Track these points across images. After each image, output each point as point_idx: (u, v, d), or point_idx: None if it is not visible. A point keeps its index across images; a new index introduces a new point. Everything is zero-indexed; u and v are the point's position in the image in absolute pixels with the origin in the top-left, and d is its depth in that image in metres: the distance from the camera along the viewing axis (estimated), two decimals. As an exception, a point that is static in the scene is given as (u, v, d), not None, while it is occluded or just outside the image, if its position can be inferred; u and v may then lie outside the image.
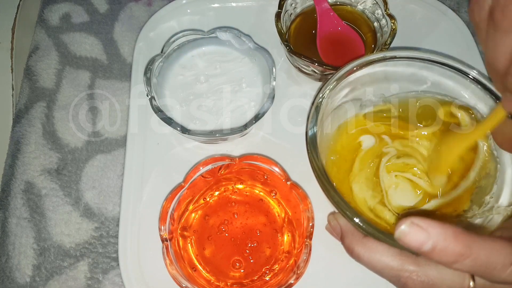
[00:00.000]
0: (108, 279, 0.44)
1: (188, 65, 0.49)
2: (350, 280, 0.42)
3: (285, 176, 0.41)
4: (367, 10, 0.51)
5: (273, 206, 0.42)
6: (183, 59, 0.49)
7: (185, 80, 0.49)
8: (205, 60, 0.49)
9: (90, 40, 0.54)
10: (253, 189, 0.43)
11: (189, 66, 0.49)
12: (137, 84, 0.50)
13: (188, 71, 0.49)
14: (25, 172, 0.48)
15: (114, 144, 0.49)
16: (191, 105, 0.48)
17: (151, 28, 0.53)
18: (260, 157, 0.42)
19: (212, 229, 0.42)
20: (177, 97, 0.48)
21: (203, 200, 0.43)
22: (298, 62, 0.48)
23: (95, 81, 0.52)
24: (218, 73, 0.49)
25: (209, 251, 0.41)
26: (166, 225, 0.39)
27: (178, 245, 0.40)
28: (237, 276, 0.40)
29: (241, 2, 0.55)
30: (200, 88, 0.48)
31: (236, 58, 0.49)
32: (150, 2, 0.56)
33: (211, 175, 0.42)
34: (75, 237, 0.46)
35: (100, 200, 0.47)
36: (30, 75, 0.52)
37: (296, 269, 0.37)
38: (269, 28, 0.49)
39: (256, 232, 0.41)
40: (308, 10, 0.51)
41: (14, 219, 0.46)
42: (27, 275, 0.44)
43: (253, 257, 0.40)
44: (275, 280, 0.38)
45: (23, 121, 0.50)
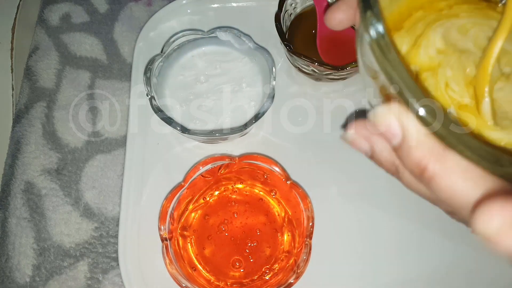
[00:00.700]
0: (108, 279, 0.44)
1: (188, 65, 0.49)
2: (350, 280, 0.43)
3: (285, 176, 0.41)
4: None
5: (273, 205, 0.42)
6: (183, 59, 0.49)
7: (185, 80, 0.49)
8: (205, 60, 0.49)
9: (90, 40, 0.54)
10: (253, 189, 0.43)
11: (189, 66, 0.49)
12: (137, 84, 0.50)
13: (188, 71, 0.49)
14: (25, 172, 0.48)
15: (114, 144, 0.49)
16: (191, 105, 0.48)
17: (151, 28, 0.53)
18: (260, 156, 0.42)
19: (212, 229, 0.42)
20: (177, 97, 0.48)
21: (203, 199, 0.43)
22: (298, 62, 0.48)
23: (95, 81, 0.52)
24: (218, 73, 0.49)
25: (209, 250, 0.41)
26: (166, 224, 0.39)
27: (178, 245, 0.40)
28: (237, 275, 0.40)
29: (241, 2, 0.55)
30: (200, 88, 0.48)
31: (236, 58, 0.49)
32: (150, 2, 0.56)
33: (211, 175, 0.42)
34: (75, 237, 0.46)
35: (100, 200, 0.47)
36: (30, 75, 0.52)
37: (296, 268, 0.37)
38: (269, 28, 0.49)
39: (256, 232, 0.41)
40: (308, 10, 0.51)
41: (14, 219, 0.46)
42: (27, 275, 0.44)
43: (253, 257, 0.40)
44: (275, 280, 0.38)
45: (23, 121, 0.50)
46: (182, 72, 0.49)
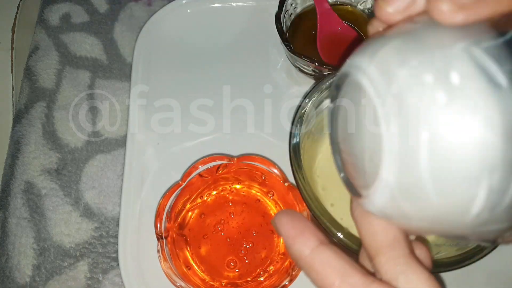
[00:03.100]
0: (108, 279, 0.44)
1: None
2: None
3: (283, 178, 0.41)
4: (368, 10, 0.50)
5: (270, 207, 0.42)
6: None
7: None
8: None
9: (90, 40, 0.54)
10: (250, 190, 0.43)
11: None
12: (137, 84, 0.50)
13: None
14: (25, 172, 0.48)
15: (114, 144, 0.49)
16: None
17: (151, 28, 0.53)
18: (259, 157, 0.42)
19: (208, 228, 0.42)
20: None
21: (200, 199, 0.43)
22: (298, 62, 0.48)
23: (95, 81, 0.52)
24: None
25: (204, 250, 0.41)
26: (162, 222, 0.39)
27: (173, 243, 0.40)
28: (232, 276, 0.40)
29: (241, 2, 0.54)
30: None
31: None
32: (150, 2, 0.56)
33: (209, 174, 0.42)
34: (75, 237, 0.46)
35: (100, 200, 0.47)
36: (30, 75, 0.52)
37: (290, 271, 0.37)
38: (269, 28, 0.49)
39: (252, 233, 0.41)
40: (308, 10, 0.51)
41: (14, 219, 0.46)
42: (27, 275, 0.44)
43: (248, 258, 0.40)
44: (269, 282, 0.38)
45: (23, 121, 0.50)
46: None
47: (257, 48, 0.52)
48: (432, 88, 0.17)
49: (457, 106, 0.17)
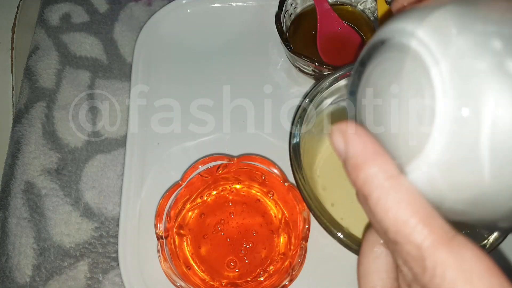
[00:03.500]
0: (108, 279, 0.44)
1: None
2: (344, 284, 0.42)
3: (283, 178, 0.41)
4: (368, 10, 0.50)
5: (270, 207, 0.42)
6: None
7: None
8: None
9: (90, 40, 0.54)
10: (250, 189, 0.43)
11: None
12: (137, 84, 0.50)
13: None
14: (25, 172, 0.48)
15: (114, 144, 0.49)
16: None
17: (151, 28, 0.53)
18: (259, 157, 0.42)
19: (208, 228, 0.42)
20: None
21: (200, 199, 0.43)
22: (298, 62, 0.48)
23: (95, 81, 0.52)
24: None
25: (204, 250, 0.41)
26: (162, 222, 0.39)
27: (173, 243, 0.40)
28: (232, 276, 0.40)
29: (241, 2, 0.54)
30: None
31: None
32: (150, 2, 0.56)
33: (209, 174, 0.42)
34: (75, 237, 0.46)
35: (100, 200, 0.47)
36: (30, 75, 0.52)
37: (290, 271, 0.37)
38: (269, 28, 0.49)
39: (252, 233, 0.41)
40: (308, 10, 0.51)
41: (14, 219, 0.46)
42: (27, 275, 0.44)
43: (248, 258, 0.40)
44: (269, 282, 0.38)
45: (23, 121, 0.50)
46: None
47: (257, 48, 0.52)
48: (500, 54, 0.15)
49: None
